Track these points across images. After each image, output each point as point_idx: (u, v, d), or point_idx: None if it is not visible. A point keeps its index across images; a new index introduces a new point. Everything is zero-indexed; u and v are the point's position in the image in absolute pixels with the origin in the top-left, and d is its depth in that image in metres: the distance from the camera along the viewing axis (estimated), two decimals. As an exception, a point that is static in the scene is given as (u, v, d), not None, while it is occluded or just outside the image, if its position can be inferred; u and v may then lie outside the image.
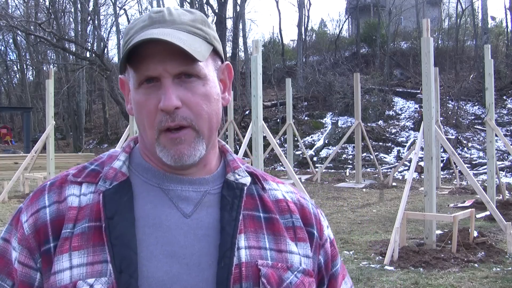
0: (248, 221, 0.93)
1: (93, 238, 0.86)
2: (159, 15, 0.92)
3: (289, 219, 0.98)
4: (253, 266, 0.89)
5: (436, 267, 5.78)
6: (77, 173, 0.95)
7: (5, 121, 36.43)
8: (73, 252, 0.86)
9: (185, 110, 0.89)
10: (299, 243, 0.96)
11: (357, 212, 10.03)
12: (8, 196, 11.69)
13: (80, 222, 0.88)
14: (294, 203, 1.01)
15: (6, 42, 36.15)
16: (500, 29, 30.41)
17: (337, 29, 37.10)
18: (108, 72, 24.05)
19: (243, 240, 0.91)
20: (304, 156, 18.31)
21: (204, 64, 0.91)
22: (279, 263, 0.92)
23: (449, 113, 21.83)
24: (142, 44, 0.86)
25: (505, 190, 11.30)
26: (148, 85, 0.89)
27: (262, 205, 0.97)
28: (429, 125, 6.76)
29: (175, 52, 0.87)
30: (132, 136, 1.04)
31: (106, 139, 29.02)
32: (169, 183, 0.94)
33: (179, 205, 0.92)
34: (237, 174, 0.97)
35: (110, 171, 0.94)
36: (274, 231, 0.95)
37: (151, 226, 0.89)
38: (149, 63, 0.88)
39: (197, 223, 0.91)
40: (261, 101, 8.04)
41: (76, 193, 0.92)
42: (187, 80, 0.90)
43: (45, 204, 0.91)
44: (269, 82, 26.30)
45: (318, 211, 1.05)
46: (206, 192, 0.95)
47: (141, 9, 55.88)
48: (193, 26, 0.93)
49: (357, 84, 14.88)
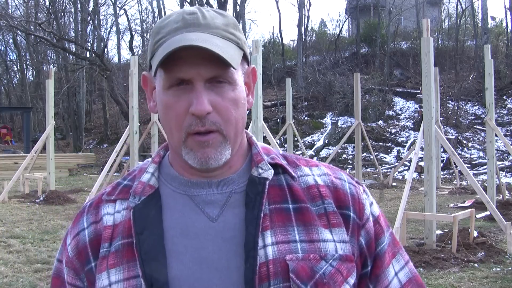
0: (275, 216, 0.92)
1: (127, 255, 0.90)
2: (193, 17, 0.91)
3: (321, 206, 0.94)
4: (282, 262, 0.88)
5: (436, 267, 5.78)
6: (111, 191, 1.00)
7: (5, 121, 36.42)
8: (110, 270, 0.91)
9: (215, 115, 0.89)
10: (333, 229, 0.93)
11: (357, 212, 10.02)
12: (8, 196, 11.68)
13: (115, 240, 0.93)
14: (327, 186, 0.97)
15: (6, 42, 36.16)
16: (500, 29, 30.41)
17: (337, 29, 37.16)
18: (108, 72, 24.04)
19: (269, 237, 0.89)
20: (304, 156, 18.29)
21: (235, 70, 0.91)
22: (311, 254, 0.90)
23: (449, 113, 21.83)
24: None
25: (505, 190, 11.30)
26: (178, 87, 0.90)
27: (291, 196, 0.95)
28: (429, 125, 6.76)
29: (209, 57, 0.87)
30: (163, 144, 1.06)
31: (106, 139, 29.02)
32: (195, 188, 0.95)
33: (205, 210, 0.93)
34: (260, 169, 0.96)
35: (138, 186, 0.96)
36: (305, 221, 0.92)
37: (179, 235, 0.91)
38: (182, 65, 0.88)
39: (223, 226, 0.91)
40: (261, 101, 8.05)
41: (111, 212, 0.96)
42: (218, 85, 0.90)
43: (84, 226, 0.98)
44: (269, 82, 26.30)
45: (357, 189, 0.99)
46: (231, 192, 0.94)
47: (141, 9, 56.09)
48: (227, 31, 0.92)
49: (357, 84, 14.88)
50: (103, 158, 21.90)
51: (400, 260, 1.01)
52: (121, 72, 29.32)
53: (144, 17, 38.17)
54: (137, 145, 10.46)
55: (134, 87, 10.24)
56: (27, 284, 5.33)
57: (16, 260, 6.30)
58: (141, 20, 37.20)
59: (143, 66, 17.45)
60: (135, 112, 10.23)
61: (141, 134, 12.18)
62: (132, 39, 30.66)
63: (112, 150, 15.05)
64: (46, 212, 10.04)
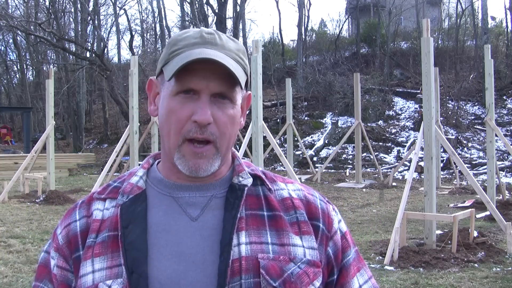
0: (251, 220, 1.00)
1: (112, 245, 0.98)
2: (211, 37, 1.01)
3: (293, 215, 1.03)
4: (254, 259, 0.95)
5: (436, 267, 5.78)
6: (101, 191, 1.08)
7: (5, 121, 36.42)
8: (95, 258, 0.98)
9: (214, 127, 0.98)
10: (303, 236, 1.01)
11: (357, 212, 10.03)
12: (8, 196, 11.68)
13: (101, 232, 1.00)
14: (300, 199, 1.06)
15: (6, 42, 36.13)
16: (500, 29, 30.40)
17: (337, 29, 37.13)
18: (108, 72, 24.03)
19: (244, 237, 0.97)
20: (304, 156, 18.32)
21: (238, 90, 1.01)
22: (281, 256, 0.97)
23: (449, 113, 21.83)
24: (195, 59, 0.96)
25: (505, 190, 11.30)
26: (185, 95, 0.98)
27: (266, 204, 1.03)
28: (429, 125, 6.76)
29: (220, 74, 0.97)
30: (153, 153, 1.15)
31: (106, 139, 29.00)
32: (179, 191, 1.03)
33: (187, 210, 1.01)
34: (240, 177, 1.05)
35: (127, 186, 1.05)
36: (277, 227, 1.00)
37: (161, 231, 0.99)
38: (194, 76, 0.97)
39: (202, 225, 0.99)
40: (261, 101, 8.04)
41: (100, 208, 1.04)
42: (221, 101, 0.99)
43: (76, 218, 1.05)
44: (269, 82, 26.29)
45: (328, 206, 1.09)
46: (212, 196, 1.03)
47: (141, 9, 56.10)
48: (238, 55, 1.02)
49: (357, 84, 14.88)
50: (103, 158, 21.90)
51: (364, 274, 1.10)
52: (121, 72, 29.33)
53: (144, 17, 38.23)
54: (137, 145, 10.46)
55: (134, 87, 10.24)
56: (27, 284, 5.33)
57: (16, 260, 6.30)
58: (141, 20, 37.23)
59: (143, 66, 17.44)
60: (135, 112, 10.23)
61: (141, 134, 12.18)
62: (132, 39, 30.65)
63: (112, 150, 15.05)
64: (46, 212, 10.04)
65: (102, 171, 10.84)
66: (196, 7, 28.32)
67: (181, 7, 31.37)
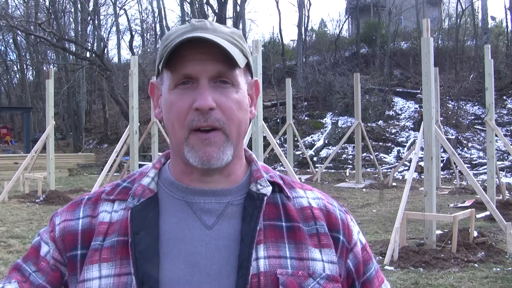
0: (269, 231, 0.95)
1: (121, 252, 0.92)
2: (200, 23, 0.96)
3: (313, 226, 0.98)
4: (272, 275, 0.91)
5: (436, 267, 5.78)
6: (110, 191, 1.02)
7: (5, 121, 36.40)
8: (102, 264, 0.92)
9: (218, 112, 0.92)
10: (323, 249, 0.97)
11: (357, 212, 10.03)
12: (8, 196, 11.68)
13: (110, 236, 0.95)
14: (320, 209, 1.01)
15: (6, 42, 36.13)
16: (500, 29, 30.40)
17: (337, 29, 37.14)
18: (108, 72, 24.04)
19: (262, 250, 0.93)
20: (304, 156, 18.31)
21: (238, 73, 0.95)
22: (299, 271, 0.93)
23: (449, 113, 21.83)
24: (183, 45, 0.91)
25: (505, 190, 11.29)
26: (184, 86, 0.93)
27: (285, 214, 0.98)
28: (429, 125, 6.76)
29: (215, 54, 0.91)
30: (165, 152, 1.08)
31: (106, 139, 29.00)
32: (193, 196, 0.97)
33: (202, 217, 0.95)
34: (259, 185, 0.99)
35: (138, 188, 0.99)
36: (296, 240, 0.96)
37: (175, 239, 0.93)
38: (188, 61, 0.92)
39: (218, 234, 0.94)
40: (261, 101, 8.05)
41: (109, 210, 0.99)
42: (222, 85, 0.93)
43: (79, 215, 0.99)
44: (269, 82, 26.30)
45: (347, 216, 1.05)
46: (229, 203, 0.97)
47: (141, 9, 56.08)
48: (232, 37, 0.97)
49: (357, 84, 14.88)
50: (103, 158, 21.90)
51: (387, 286, 1.07)
52: (121, 72, 29.31)
53: (144, 17, 38.23)
54: (137, 145, 10.46)
55: (134, 87, 10.23)
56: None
57: (16, 260, 6.29)
58: (141, 20, 37.24)
59: (143, 66, 17.44)
60: (135, 112, 10.23)
61: (141, 134, 12.18)
62: (132, 39, 30.66)
63: (112, 150, 15.05)
64: (46, 212, 10.04)
65: (102, 171, 10.84)
66: (196, 7, 28.32)
67: (181, 7, 31.38)
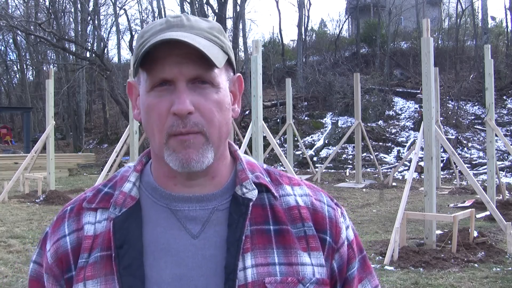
0: (256, 237, 0.92)
1: (105, 267, 0.89)
2: (177, 20, 0.92)
3: (301, 228, 0.95)
4: (260, 284, 0.88)
5: (436, 267, 5.78)
6: (91, 198, 0.98)
7: (5, 121, 36.38)
8: (87, 281, 0.89)
9: (197, 116, 0.88)
10: (312, 252, 0.94)
11: (357, 212, 10.03)
12: (8, 196, 11.68)
13: (94, 251, 0.92)
14: (307, 208, 0.98)
15: (6, 42, 36.10)
16: (500, 29, 30.41)
17: (337, 29, 37.13)
18: (108, 72, 24.03)
19: (249, 259, 0.90)
20: (304, 156, 18.31)
21: (218, 72, 0.91)
22: (288, 277, 0.90)
23: (449, 113, 21.83)
24: (159, 46, 0.86)
25: (505, 190, 11.29)
26: (161, 88, 0.89)
27: (273, 217, 0.95)
28: (429, 125, 6.76)
29: (192, 56, 0.87)
30: (145, 150, 1.04)
31: (106, 139, 29.00)
32: (177, 203, 0.94)
33: (187, 226, 0.92)
34: (244, 188, 0.95)
35: (119, 197, 0.95)
36: (285, 244, 0.93)
37: (160, 250, 0.91)
38: (164, 65, 0.87)
39: (204, 244, 0.91)
40: (261, 101, 8.04)
41: (92, 221, 0.95)
42: (201, 86, 0.89)
43: (65, 233, 0.96)
44: (269, 82, 26.29)
45: (336, 212, 1.01)
46: (214, 208, 0.94)
47: (141, 9, 56.10)
48: (211, 34, 0.92)
49: (357, 84, 14.88)
50: (103, 158, 21.90)
51: (367, 285, 1.04)
52: (121, 72, 29.29)
53: (144, 17, 38.13)
54: (137, 145, 10.46)
55: (134, 87, 10.23)
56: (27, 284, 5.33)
57: (16, 260, 6.30)
58: (141, 20, 37.17)
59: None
60: (135, 112, 10.22)
61: (141, 134, 12.17)
62: (132, 39, 30.60)
63: (112, 150, 15.05)
64: (46, 212, 10.04)
65: (102, 171, 10.84)
66: (196, 7, 28.31)
67: (181, 7, 31.36)
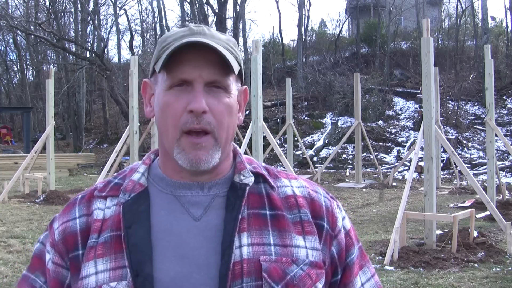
0: (252, 220, 0.98)
1: (115, 246, 0.96)
2: (199, 29, 1.00)
3: (296, 214, 1.01)
4: (255, 262, 0.94)
5: (436, 267, 5.78)
6: (102, 188, 1.05)
7: (5, 121, 36.39)
8: (97, 259, 0.96)
9: (210, 116, 0.96)
10: (306, 236, 0.99)
11: (357, 212, 10.03)
12: (8, 196, 11.68)
13: (104, 232, 0.98)
14: (304, 197, 1.04)
15: (6, 42, 36.12)
16: (500, 29, 30.40)
17: (337, 29, 37.11)
18: (108, 72, 24.03)
19: (245, 238, 0.95)
20: (304, 156, 18.31)
21: (232, 79, 0.99)
22: (283, 258, 0.96)
23: (449, 113, 21.83)
24: (181, 50, 0.94)
25: (505, 190, 11.29)
26: (179, 88, 0.96)
27: (269, 203, 1.01)
28: (429, 125, 6.76)
29: (212, 62, 0.96)
30: (153, 149, 1.12)
31: (106, 139, 28.99)
32: (181, 190, 1.01)
33: (190, 210, 0.99)
34: (242, 175, 1.02)
35: (129, 184, 1.03)
36: (280, 227, 0.99)
37: (163, 231, 0.97)
38: (185, 66, 0.95)
39: (205, 225, 0.97)
40: (261, 101, 8.04)
41: (101, 207, 1.02)
42: (215, 90, 0.97)
43: (76, 215, 1.03)
44: (269, 82, 26.29)
45: (332, 203, 1.07)
46: (215, 195, 1.00)
47: (141, 9, 56.09)
48: (228, 45, 1.00)
49: (357, 84, 14.88)
50: (103, 158, 21.90)
51: (367, 272, 1.10)
52: (121, 72, 29.33)
53: (144, 17, 38.20)
54: (137, 145, 10.46)
55: (134, 87, 10.23)
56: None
57: (16, 260, 6.30)
58: (141, 20, 37.22)
59: (143, 66, 17.44)
60: (135, 112, 10.23)
61: (141, 134, 12.17)
62: (132, 39, 30.62)
63: (112, 150, 15.05)
64: (46, 212, 10.04)
65: (102, 171, 10.84)
66: (196, 7, 28.31)
67: (181, 7, 31.38)
